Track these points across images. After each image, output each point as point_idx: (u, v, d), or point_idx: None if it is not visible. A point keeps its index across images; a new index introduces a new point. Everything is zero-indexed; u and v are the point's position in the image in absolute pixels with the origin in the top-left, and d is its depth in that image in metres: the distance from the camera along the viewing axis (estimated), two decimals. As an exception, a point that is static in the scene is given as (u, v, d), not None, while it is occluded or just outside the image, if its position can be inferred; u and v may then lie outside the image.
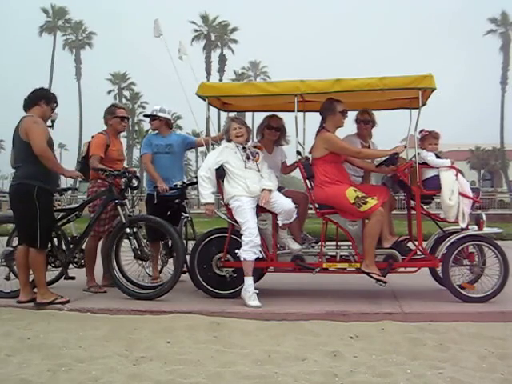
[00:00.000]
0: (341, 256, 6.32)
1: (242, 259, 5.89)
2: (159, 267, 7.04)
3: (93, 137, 6.94)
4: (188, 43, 50.41)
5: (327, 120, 6.32)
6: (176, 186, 6.91)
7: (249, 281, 5.92)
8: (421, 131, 6.50)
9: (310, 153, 6.43)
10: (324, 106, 6.36)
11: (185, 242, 6.90)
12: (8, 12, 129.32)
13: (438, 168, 6.23)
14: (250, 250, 5.86)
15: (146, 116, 7.33)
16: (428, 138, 6.44)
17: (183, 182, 7.00)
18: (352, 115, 6.96)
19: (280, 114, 7.11)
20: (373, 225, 5.95)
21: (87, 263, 6.64)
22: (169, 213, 7.02)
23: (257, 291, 5.89)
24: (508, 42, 52.06)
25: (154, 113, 7.24)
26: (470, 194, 6.18)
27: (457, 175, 6.17)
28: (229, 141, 6.35)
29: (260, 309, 5.70)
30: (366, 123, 6.94)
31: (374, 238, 5.97)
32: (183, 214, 7.01)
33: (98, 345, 4.64)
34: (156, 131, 7.36)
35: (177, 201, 6.97)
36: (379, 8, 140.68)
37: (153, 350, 4.48)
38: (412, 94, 6.31)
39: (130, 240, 6.28)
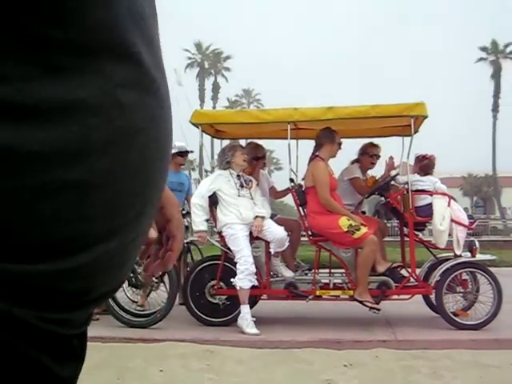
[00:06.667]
0: (334, 283, 6.32)
1: (237, 288, 5.88)
2: (148, 291, 6.96)
3: None
4: (182, 71, 50.74)
5: (323, 148, 6.26)
6: None
7: (245, 309, 5.90)
8: (419, 157, 6.59)
9: (303, 179, 6.44)
10: (323, 134, 6.30)
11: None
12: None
13: (431, 195, 6.27)
14: (245, 278, 5.86)
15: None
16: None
17: (183, 209, 7.00)
18: (352, 145, 7.00)
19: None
20: (366, 254, 5.94)
21: None
22: None
23: (254, 319, 5.88)
24: (498, 69, 52.62)
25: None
26: (466, 221, 6.21)
27: (449, 202, 6.21)
28: (224, 169, 6.31)
29: (254, 337, 5.67)
30: (376, 157, 6.90)
31: (367, 267, 5.97)
32: None
33: (89, 373, 4.58)
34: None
35: None
36: (373, 37, 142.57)
37: (145, 379, 4.43)
38: (404, 122, 6.38)
39: None
